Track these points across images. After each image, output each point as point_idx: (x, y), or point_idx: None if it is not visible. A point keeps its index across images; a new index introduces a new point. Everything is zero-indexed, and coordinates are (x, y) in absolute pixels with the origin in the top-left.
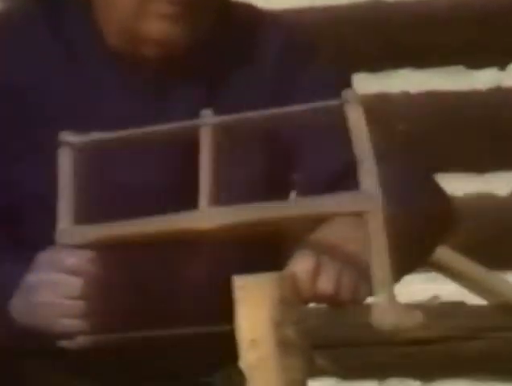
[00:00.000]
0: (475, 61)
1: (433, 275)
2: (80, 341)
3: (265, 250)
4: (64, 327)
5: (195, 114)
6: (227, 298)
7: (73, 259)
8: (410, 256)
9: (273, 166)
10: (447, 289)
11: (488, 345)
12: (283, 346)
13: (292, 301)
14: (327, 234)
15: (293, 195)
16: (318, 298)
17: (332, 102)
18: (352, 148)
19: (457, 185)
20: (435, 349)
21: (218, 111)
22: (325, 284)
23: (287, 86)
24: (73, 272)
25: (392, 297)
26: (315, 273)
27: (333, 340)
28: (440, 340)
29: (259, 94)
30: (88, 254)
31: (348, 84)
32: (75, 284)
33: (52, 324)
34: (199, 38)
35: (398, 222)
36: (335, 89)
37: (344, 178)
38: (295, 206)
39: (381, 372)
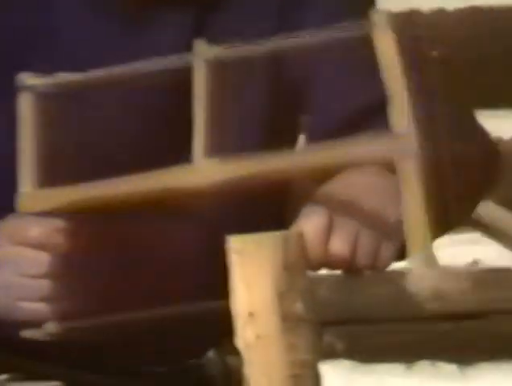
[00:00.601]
0: None
1: (474, 235)
2: (49, 329)
3: (267, 207)
4: (25, 313)
5: (181, 43)
6: (221, 268)
7: (37, 229)
8: (450, 210)
9: (277, 104)
10: (490, 253)
11: None
12: (288, 321)
13: (299, 266)
14: (342, 185)
15: (302, 140)
16: (331, 263)
17: (355, 27)
18: (374, 83)
19: (506, 125)
20: (474, 325)
21: (211, 39)
22: (340, 245)
23: (298, 5)
24: (37, 245)
25: (431, 259)
26: (328, 231)
27: (349, 315)
28: (481, 315)
29: (263, 16)
30: (56, 223)
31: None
32: (39, 259)
33: (11, 309)
34: None
35: (435, 170)
36: (354, 10)
37: (362, 120)
38: (305, 154)
39: (409, 354)
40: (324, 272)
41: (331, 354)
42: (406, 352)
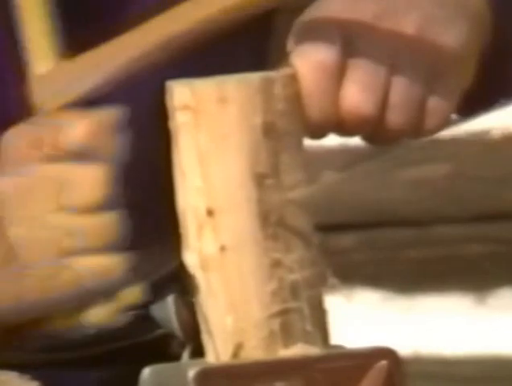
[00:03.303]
0: None
1: None
2: None
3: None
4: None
5: None
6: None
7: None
8: None
9: None
10: None
11: None
12: (271, 224)
13: (291, 130)
14: None
15: None
16: (343, 124)
17: None
18: None
19: None
20: None
21: None
22: (358, 92)
23: None
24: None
25: None
26: (339, 71)
27: (374, 213)
28: None
29: None
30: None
31: None
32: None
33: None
34: None
35: None
36: None
37: None
38: None
39: (479, 280)
40: (332, 140)
41: (342, 279)
42: (472, 277)
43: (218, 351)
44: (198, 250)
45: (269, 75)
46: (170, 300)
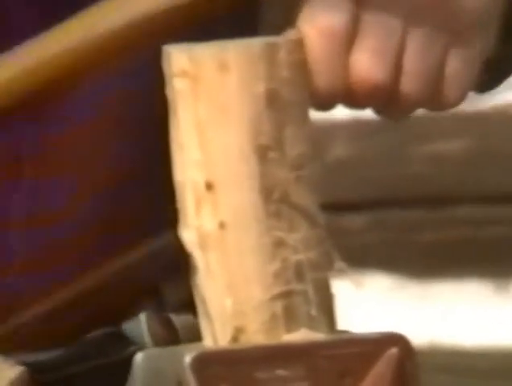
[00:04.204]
0: None
1: None
2: None
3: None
4: None
5: None
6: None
7: None
8: None
9: None
10: None
11: None
12: (274, 199)
13: (296, 100)
14: None
15: None
16: (353, 93)
17: None
18: None
19: None
20: None
21: None
22: (369, 59)
23: None
24: None
25: None
26: (349, 35)
27: (381, 194)
28: None
29: None
30: None
31: None
32: None
33: None
34: None
35: None
36: None
37: None
38: None
39: (502, 265)
40: (342, 112)
41: (351, 262)
42: (493, 262)
43: (216, 335)
44: (196, 227)
45: (273, 41)
46: (142, 317)
